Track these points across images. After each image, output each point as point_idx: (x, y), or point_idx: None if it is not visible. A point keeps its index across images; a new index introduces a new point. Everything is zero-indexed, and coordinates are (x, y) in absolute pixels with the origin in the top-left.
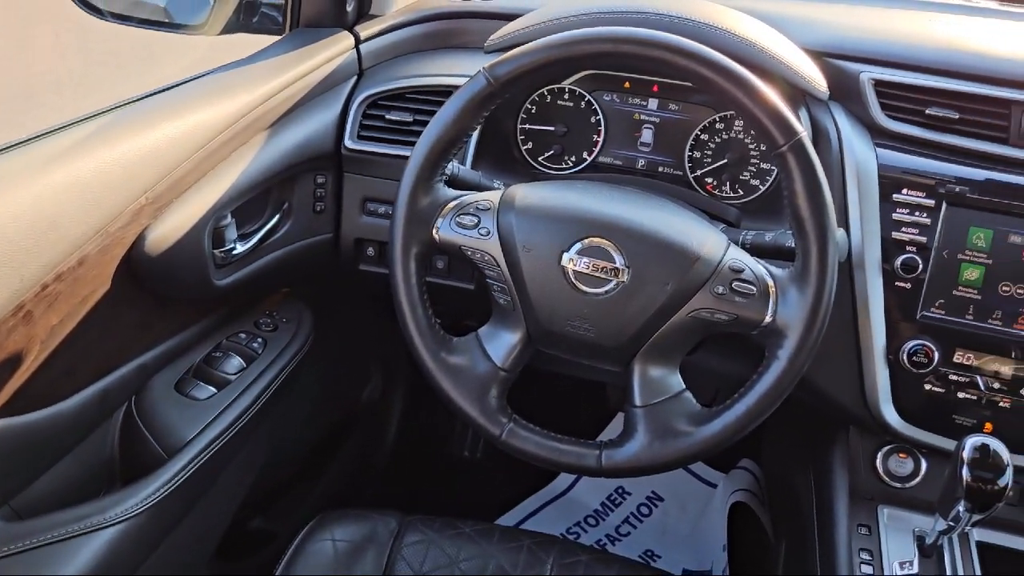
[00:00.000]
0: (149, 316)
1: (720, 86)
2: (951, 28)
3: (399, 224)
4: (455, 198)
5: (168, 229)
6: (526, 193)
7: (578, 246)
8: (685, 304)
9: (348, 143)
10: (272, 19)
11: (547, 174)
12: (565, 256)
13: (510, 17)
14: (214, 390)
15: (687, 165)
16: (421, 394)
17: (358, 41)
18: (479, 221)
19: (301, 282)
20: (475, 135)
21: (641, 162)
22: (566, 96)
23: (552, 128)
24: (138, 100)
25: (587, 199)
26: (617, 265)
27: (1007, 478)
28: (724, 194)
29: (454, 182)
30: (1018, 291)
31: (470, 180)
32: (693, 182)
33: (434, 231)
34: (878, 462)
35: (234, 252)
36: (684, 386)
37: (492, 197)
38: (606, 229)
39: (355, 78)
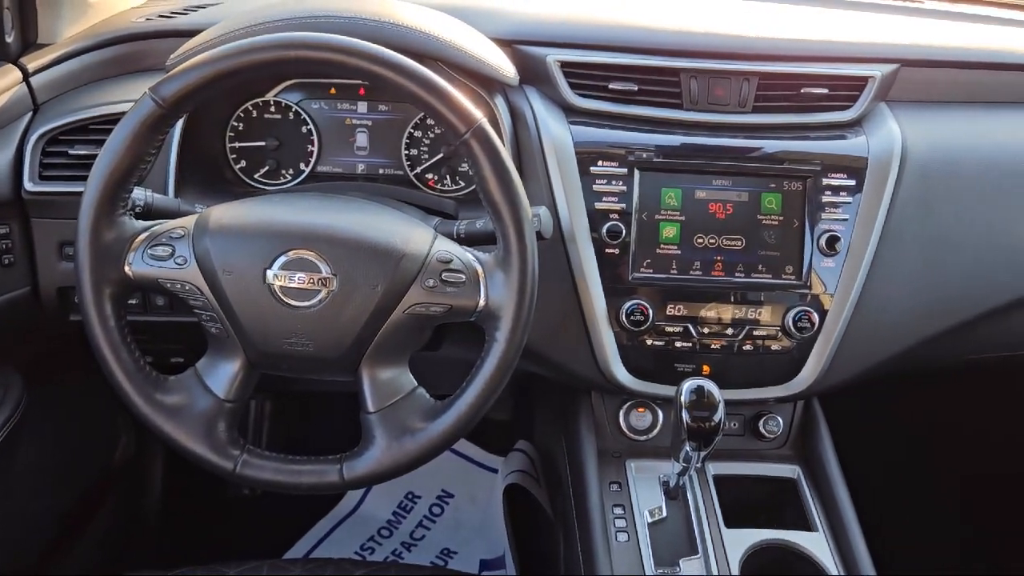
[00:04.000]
0: None
1: (394, 82)
2: (628, 8)
3: (84, 265)
4: (145, 229)
5: None
6: (220, 214)
7: (281, 260)
8: (399, 302)
9: (28, 186)
10: None
11: (266, 191)
12: (269, 273)
13: (195, 33)
14: None
15: (405, 164)
16: None
17: (27, 74)
18: (173, 250)
19: (2, 346)
20: (173, 159)
21: (361, 167)
22: (272, 109)
23: (263, 143)
24: None
25: (284, 212)
26: (324, 275)
27: (720, 414)
28: (446, 187)
29: (149, 212)
30: (710, 241)
31: (168, 208)
32: (414, 180)
33: (126, 267)
34: (621, 419)
35: None
36: (416, 383)
37: (186, 223)
38: (307, 240)
39: (29, 114)
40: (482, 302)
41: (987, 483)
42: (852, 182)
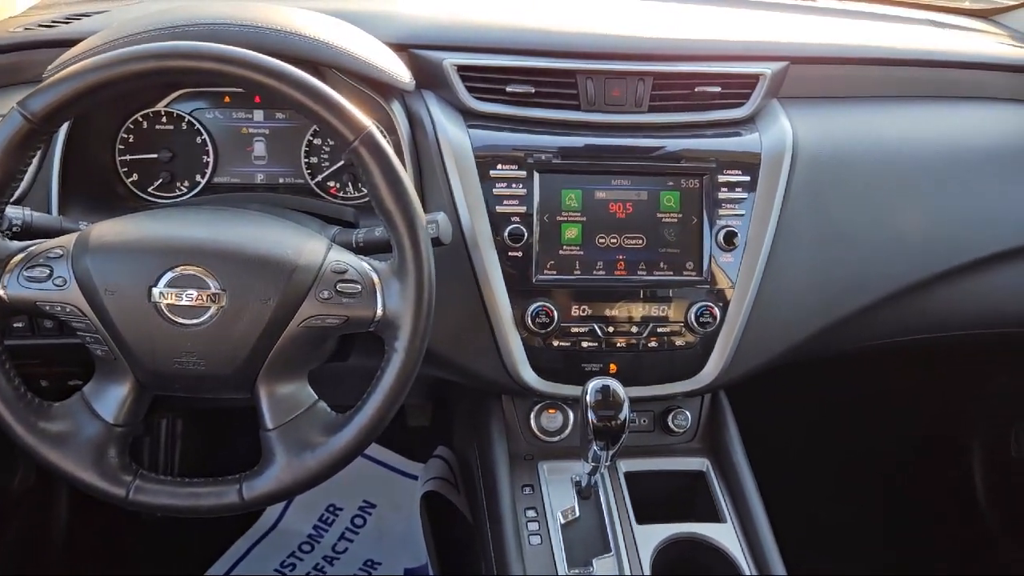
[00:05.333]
0: None
1: (277, 90)
2: (524, 10)
3: None
4: (21, 250)
5: None
6: (102, 231)
7: (168, 277)
8: (293, 316)
9: None
10: None
11: (161, 205)
12: (154, 291)
13: (78, 42)
14: None
15: (306, 172)
16: None
17: None
18: (52, 271)
19: None
20: (55, 174)
21: (260, 176)
22: (164, 119)
23: (156, 155)
24: None
25: (169, 226)
26: (213, 290)
27: (625, 412)
28: (348, 195)
29: (28, 232)
30: (612, 241)
31: (49, 226)
32: (316, 188)
33: (0, 290)
34: (532, 421)
35: None
36: (316, 397)
37: (65, 242)
38: (194, 255)
39: None
40: (379, 312)
41: (890, 465)
42: (747, 178)
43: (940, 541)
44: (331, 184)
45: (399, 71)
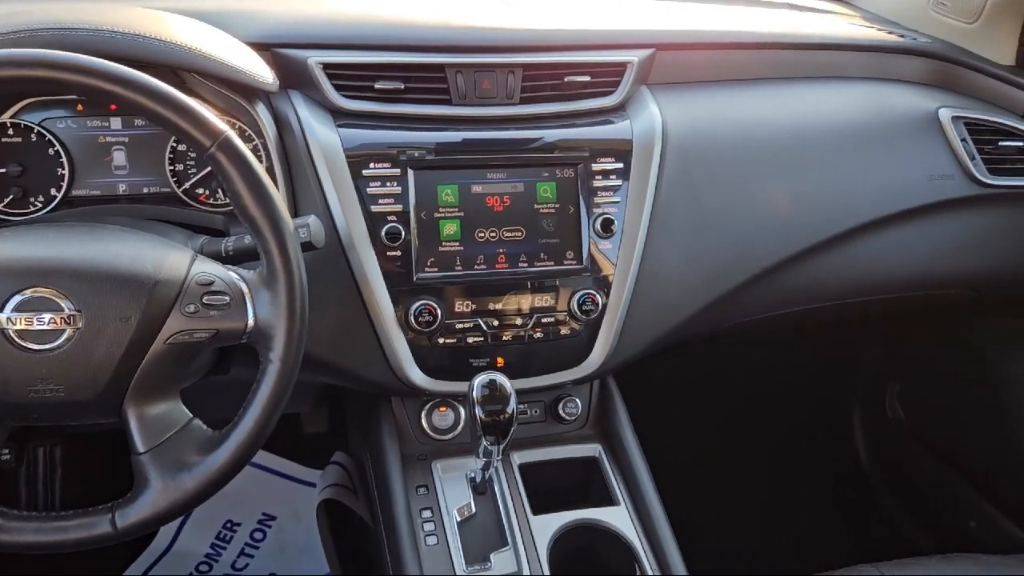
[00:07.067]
0: None
1: (124, 97)
2: (389, 5)
3: None
4: None
5: None
6: None
7: (16, 300)
8: (158, 333)
9: None
10: None
11: (13, 223)
12: (1, 316)
13: None
14: None
15: (172, 180)
16: None
17: None
18: None
19: None
20: None
21: (122, 187)
22: (11, 131)
23: (4, 170)
24: None
25: (15, 246)
26: (67, 312)
27: (512, 405)
28: (218, 202)
29: None
30: (491, 235)
31: None
32: (183, 196)
33: None
34: (423, 421)
35: None
36: (191, 415)
37: None
38: (43, 276)
39: None
40: (251, 323)
41: (777, 435)
42: (620, 165)
43: (827, 504)
44: (200, 191)
45: (261, 72)
